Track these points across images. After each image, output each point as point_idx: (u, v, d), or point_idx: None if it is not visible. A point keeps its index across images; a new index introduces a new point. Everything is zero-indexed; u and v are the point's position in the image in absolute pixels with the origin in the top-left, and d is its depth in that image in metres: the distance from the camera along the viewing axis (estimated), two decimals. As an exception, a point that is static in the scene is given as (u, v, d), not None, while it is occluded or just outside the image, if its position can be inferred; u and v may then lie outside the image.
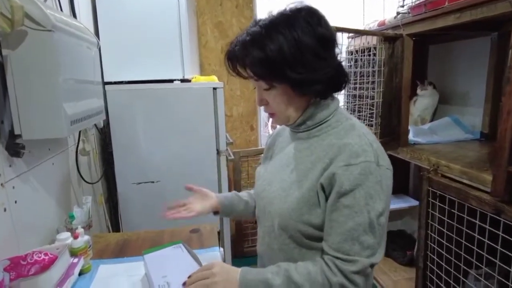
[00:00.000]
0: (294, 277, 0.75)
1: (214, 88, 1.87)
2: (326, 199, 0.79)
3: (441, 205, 1.48)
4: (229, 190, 2.08)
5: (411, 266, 2.14)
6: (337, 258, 0.75)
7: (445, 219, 1.46)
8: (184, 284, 0.83)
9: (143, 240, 1.34)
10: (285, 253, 0.88)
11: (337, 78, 0.83)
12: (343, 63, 0.86)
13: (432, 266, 1.57)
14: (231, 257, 2.15)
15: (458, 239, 1.40)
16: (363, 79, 2.00)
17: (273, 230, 0.89)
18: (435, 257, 1.54)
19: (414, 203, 2.42)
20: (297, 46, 0.74)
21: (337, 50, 0.83)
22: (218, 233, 1.37)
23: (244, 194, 1.15)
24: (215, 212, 1.11)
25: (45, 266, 0.97)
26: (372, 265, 0.76)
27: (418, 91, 2.25)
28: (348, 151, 0.77)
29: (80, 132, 1.51)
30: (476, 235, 1.29)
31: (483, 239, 1.26)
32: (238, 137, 2.72)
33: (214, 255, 1.21)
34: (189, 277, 0.82)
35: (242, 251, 2.81)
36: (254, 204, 1.10)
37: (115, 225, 1.95)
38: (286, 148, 0.94)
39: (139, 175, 1.88)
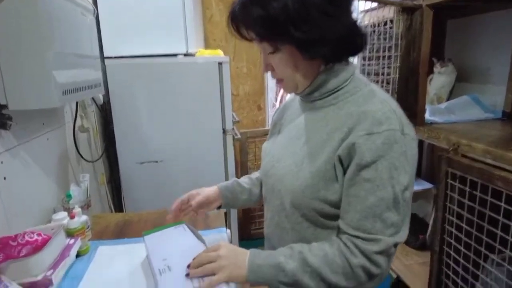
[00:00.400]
0: (310, 259, 0.68)
1: (220, 63, 1.77)
2: (344, 172, 0.72)
3: (461, 186, 1.38)
4: (236, 172, 2.01)
5: (423, 250, 2.06)
6: (357, 237, 0.68)
7: (466, 201, 1.36)
8: (188, 266, 0.75)
9: (145, 221, 1.27)
10: (297, 232, 0.80)
11: (350, 38, 0.74)
12: (359, 23, 0.76)
13: (449, 250, 1.49)
14: (238, 239, 2.09)
15: (480, 222, 1.31)
16: (379, 54, 1.88)
17: (284, 209, 0.82)
18: (452, 241, 1.46)
19: (427, 185, 2.33)
20: (301, 1, 0.66)
21: (352, 8, 0.73)
22: (225, 214, 1.30)
23: (245, 180, 1.07)
24: (218, 207, 1.05)
25: (38, 247, 0.90)
26: (395, 245, 0.69)
27: (436, 68, 2.12)
28: (370, 118, 0.69)
29: (77, 107, 1.42)
30: (501, 218, 1.20)
31: (508, 222, 1.17)
32: (244, 117, 2.63)
33: (221, 237, 1.14)
34: (193, 259, 0.75)
35: (249, 233, 2.76)
36: (258, 190, 1.04)
37: (118, 206, 1.89)
38: (296, 120, 0.86)
39: (142, 155, 1.81)
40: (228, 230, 1.19)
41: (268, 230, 0.90)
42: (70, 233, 1.06)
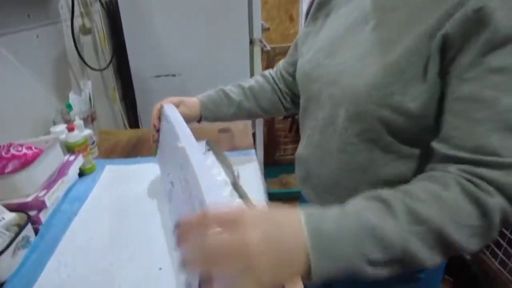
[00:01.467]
0: (422, 211, 0.41)
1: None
2: (443, 66, 0.46)
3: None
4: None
5: None
6: (479, 164, 0.42)
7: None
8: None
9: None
10: (346, 156, 0.59)
11: None
12: None
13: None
14: (263, 165, 1.92)
15: None
16: None
17: (333, 123, 0.60)
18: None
19: None
20: None
21: None
22: (253, 134, 1.09)
23: (235, 91, 0.84)
24: (198, 120, 0.85)
25: (26, 162, 0.73)
26: None
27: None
28: None
29: (73, 1, 1.16)
30: None
31: None
32: (274, 30, 2.29)
33: (249, 160, 0.94)
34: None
35: (273, 159, 2.61)
36: (250, 104, 0.83)
37: (135, 126, 1.72)
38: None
39: (157, 67, 1.58)
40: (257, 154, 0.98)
41: (304, 151, 0.69)
42: (69, 148, 0.88)
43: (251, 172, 0.89)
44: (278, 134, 2.57)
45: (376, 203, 0.42)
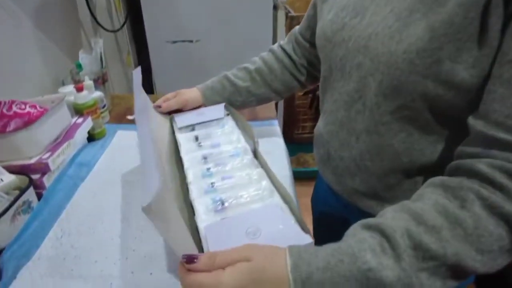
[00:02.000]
0: (432, 246, 0.33)
1: None
2: (504, 21, 0.36)
3: None
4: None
5: None
6: None
7: None
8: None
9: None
10: (375, 138, 0.50)
11: None
12: None
13: None
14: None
15: None
16: None
17: (362, 98, 0.50)
18: None
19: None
20: None
21: None
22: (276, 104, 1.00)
23: (240, 75, 0.74)
24: None
25: (30, 121, 0.66)
26: None
27: None
28: None
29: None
30: None
31: None
32: (297, -1, 2.14)
33: (272, 131, 0.86)
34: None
35: (291, 137, 2.51)
36: (262, 89, 0.73)
37: (149, 91, 1.65)
38: None
39: (174, 32, 1.49)
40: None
41: (325, 129, 0.59)
42: (78, 110, 0.81)
43: (274, 145, 0.81)
44: (297, 111, 2.46)
45: (376, 237, 0.35)
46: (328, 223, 0.72)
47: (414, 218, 0.35)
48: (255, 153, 0.58)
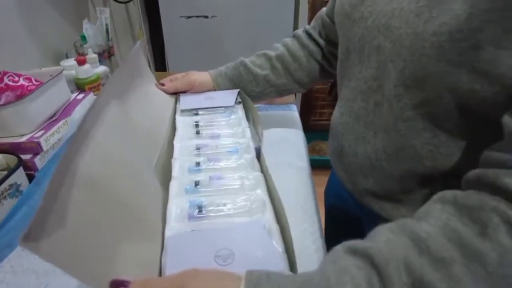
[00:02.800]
0: (436, 284, 0.26)
1: None
2: None
3: None
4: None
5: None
6: None
7: None
8: None
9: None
10: (397, 135, 0.42)
11: None
12: None
13: None
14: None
15: None
16: None
17: (381, 87, 0.42)
18: None
19: None
20: None
21: None
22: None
23: (259, 63, 0.64)
24: None
25: (23, 95, 0.60)
26: None
27: None
28: None
29: None
30: None
31: None
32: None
33: (290, 117, 0.77)
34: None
35: (307, 123, 2.42)
36: (286, 77, 0.63)
37: (161, 69, 1.58)
38: None
39: (188, 7, 1.40)
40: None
41: (341, 120, 0.50)
42: (79, 85, 0.75)
43: (291, 132, 0.72)
44: (315, 96, 2.36)
45: (362, 268, 0.27)
46: (340, 219, 0.65)
47: (415, 244, 0.27)
48: (259, 152, 0.50)
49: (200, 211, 0.40)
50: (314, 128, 2.42)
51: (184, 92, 0.64)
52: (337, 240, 0.32)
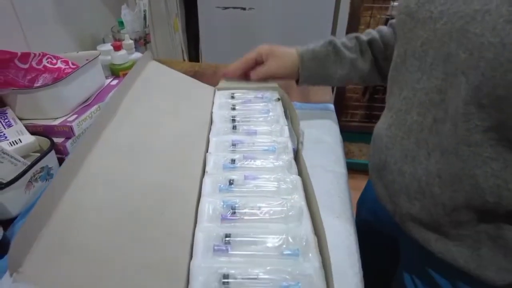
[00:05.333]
0: None
1: None
2: None
3: None
4: (349, 27, 1.47)
5: None
6: None
7: None
8: None
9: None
10: (459, 161, 0.36)
11: None
12: None
13: None
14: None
15: None
16: None
17: (445, 102, 0.36)
18: None
19: None
20: None
21: None
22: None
23: (349, 44, 0.59)
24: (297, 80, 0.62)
25: (59, 77, 0.60)
26: None
27: None
28: None
29: None
30: None
31: None
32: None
33: (326, 116, 0.74)
34: None
35: (338, 124, 2.35)
36: (367, 65, 0.58)
37: (195, 59, 1.56)
38: None
39: (226, -3, 1.37)
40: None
41: (388, 132, 0.45)
42: (114, 71, 0.74)
43: (328, 133, 0.68)
44: (348, 97, 2.28)
45: None
46: (373, 235, 0.60)
47: None
48: (297, 155, 0.47)
49: (233, 213, 0.37)
50: (344, 129, 2.34)
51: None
52: (369, 255, 0.29)
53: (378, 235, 0.60)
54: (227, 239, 0.35)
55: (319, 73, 0.60)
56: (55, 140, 0.56)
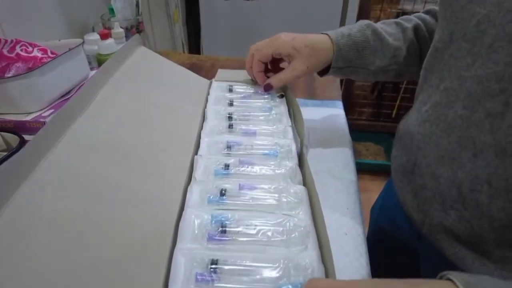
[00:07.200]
0: None
1: None
2: None
3: None
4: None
5: None
6: None
7: None
8: None
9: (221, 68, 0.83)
10: None
11: None
12: None
13: None
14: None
15: None
16: None
17: (505, 92, 0.30)
18: None
19: None
20: None
21: None
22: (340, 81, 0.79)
23: (390, 31, 0.49)
24: (321, 72, 0.51)
25: (35, 67, 0.53)
26: None
27: None
28: None
29: None
30: None
31: None
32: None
33: (334, 115, 0.66)
34: None
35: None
36: (415, 59, 0.49)
37: (196, 51, 1.50)
38: None
39: (229, -13, 1.30)
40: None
41: (421, 128, 0.38)
42: (101, 62, 0.67)
43: (335, 133, 0.61)
44: (356, 94, 2.20)
45: None
46: (388, 246, 0.54)
47: None
48: (300, 160, 0.40)
49: (223, 231, 0.30)
50: (351, 127, 2.27)
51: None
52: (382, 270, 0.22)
53: (394, 247, 0.53)
54: (213, 266, 0.28)
55: (354, 62, 0.49)
56: (27, 137, 0.50)
